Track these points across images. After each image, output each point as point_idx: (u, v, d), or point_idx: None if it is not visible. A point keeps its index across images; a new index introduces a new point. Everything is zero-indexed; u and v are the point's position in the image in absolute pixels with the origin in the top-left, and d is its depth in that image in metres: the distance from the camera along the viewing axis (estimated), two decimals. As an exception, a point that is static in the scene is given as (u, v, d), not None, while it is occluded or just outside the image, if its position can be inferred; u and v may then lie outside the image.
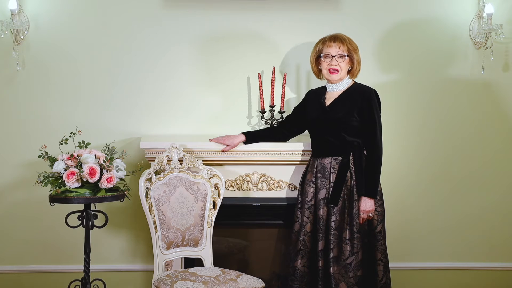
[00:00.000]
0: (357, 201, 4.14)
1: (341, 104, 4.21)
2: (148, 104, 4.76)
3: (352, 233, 4.13)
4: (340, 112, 4.18)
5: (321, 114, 4.24)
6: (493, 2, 4.72)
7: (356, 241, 4.13)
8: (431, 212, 4.89)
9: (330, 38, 4.24)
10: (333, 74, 4.22)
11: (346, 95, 4.23)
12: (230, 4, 4.74)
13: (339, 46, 4.20)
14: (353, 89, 4.25)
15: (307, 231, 4.22)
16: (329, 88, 4.29)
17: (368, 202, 4.12)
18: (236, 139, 4.41)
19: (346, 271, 4.13)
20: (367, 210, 4.12)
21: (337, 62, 4.20)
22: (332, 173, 4.18)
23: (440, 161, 4.87)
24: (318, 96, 4.32)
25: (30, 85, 4.71)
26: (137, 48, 4.74)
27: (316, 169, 4.23)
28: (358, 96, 4.20)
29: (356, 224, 4.13)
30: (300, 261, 4.21)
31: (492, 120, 4.87)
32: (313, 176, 4.24)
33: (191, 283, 3.84)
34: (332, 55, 4.20)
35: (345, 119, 4.16)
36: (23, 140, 4.70)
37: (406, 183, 4.85)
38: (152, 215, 4.12)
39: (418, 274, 4.90)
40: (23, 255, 4.77)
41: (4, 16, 4.60)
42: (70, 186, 4.02)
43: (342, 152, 4.18)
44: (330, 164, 4.19)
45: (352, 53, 4.22)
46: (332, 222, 4.14)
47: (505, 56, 4.83)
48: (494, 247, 4.91)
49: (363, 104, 4.17)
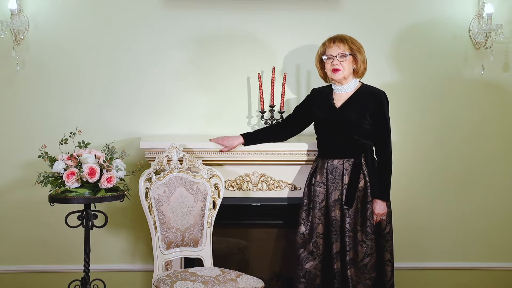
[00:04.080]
0: (371, 202, 4.14)
1: (353, 107, 4.18)
2: (148, 104, 4.76)
3: (366, 234, 4.13)
4: (353, 115, 4.15)
5: (332, 115, 4.20)
6: (493, 2, 4.72)
7: (371, 243, 4.13)
8: (430, 212, 4.88)
9: (329, 39, 4.22)
10: (336, 73, 4.18)
11: (357, 97, 4.20)
12: (230, 4, 4.74)
13: (339, 46, 4.17)
14: (363, 91, 4.23)
15: (319, 232, 4.18)
16: (337, 89, 4.25)
17: (381, 205, 4.14)
18: (235, 141, 4.40)
19: (362, 273, 4.12)
20: (381, 213, 4.14)
21: (339, 61, 4.16)
22: (345, 174, 4.16)
23: (440, 160, 4.87)
24: (325, 96, 4.28)
25: (30, 85, 4.71)
26: (137, 48, 4.74)
27: (327, 171, 4.19)
28: (370, 98, 4.19)
29: (370, 226, 4.13)
30: (312, 263, 4.17)
31: (491, 120, 4.87)
32: (323, 178, 4.20)
33: (191, 283, 3.84)
34: (333, 55, 4.17)
35: (357, 122, 4.15)
36: (23, 140, 4.70)
37: (405, 183, 4.84)
38: (152, 215, 4.13)
39: (418, 274, 4.90)
40: (23, 255, 4.77)
41: (4, 16, 4.61)
42: (70, 186, 4.02)
43: (353, 154, 4.16)
44: (343, 166, 4.16)
45: (355, 52, 4.19)
46: (347, 224, 4.12)
47: (505, 56, 4.83)
48: (494, 247, 4.91)
49: (376, 107, 4.17)
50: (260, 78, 4.62)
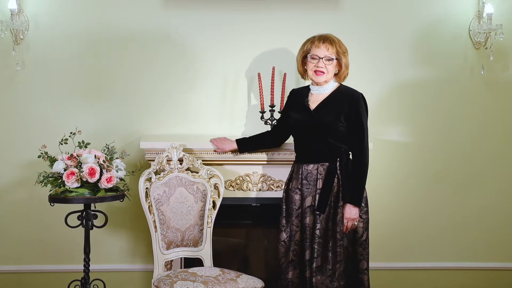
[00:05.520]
0: (342, 207, 3.98)
1: (328, 108, 4.01)
2: (148, 104, 4.76)
3: (335, 241, 3.97)
4: (327, 117, 3.98)
5: (306, 118, 4.04)
6: (493, 2, 4.72)
7: (340, 249, 3.97)
8: (431, 212, 4.88)
9: (319, 38, 4.05)
10: (319, 76, 4.02)
11: (332, 99, 4.04)
12: (231, 4, 4.74)
13: (327, 48, 4.01)
14: (339, 93, 4.06)
15: (297, 240, 4.05)
16: (314, 90, 4.10)
17: (353, 210, 3.95)
18: (228, 146, 4.37)
19: (330, 281, 3.96)
20: (352, 218, 3.96)
21: (324, 64, 4.01)
22: (318, 179, 4.00)
23: (440, 161, 4.87)
24: (301, 98, 4.12)
25: (30, 85, 4.71)
26: (137, 48, 4.74)
27: (302, 176, 4.05)
28: (345, 100, 4.00)
29: (340, 232, 3.97)
30: (292, 272, 4.06)
31: (492, 120, 4.87)
32: (298, 183, 4.06)
33: (191, 283, 3.84)
34: (320, 56, 4.01)
35: (332, 124, 3.98)
36: (23, 140, 4.70)
37: (406, 183, 4.85)
38: (152, 215, 4.13)
39: (418, 274, 4.90)
40: (23, 255, 4.77)
41: (4, 16, 4.61)
42: (70, 186, 4.02)
43: (328, 158, 4.00)
44: (317, 171, 4.00)
45: (340, 56, 4.03)
46: (317, 230, 3.97)
47: (505, 56, 4.83)
48: (494, 247, 4.91)
49: (351, 109, 3.98)
50: (260, 78, 4.62)
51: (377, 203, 4.71)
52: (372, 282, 4.70)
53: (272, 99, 4.62)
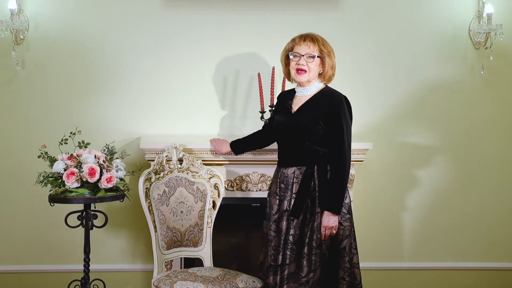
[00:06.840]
0: (319, 214, 3.82)
1: (307, 111, 3.87)
2: (148, 104, 4.76)
3: (310, 248, 3.81)
4: (306, 119, 3.84)
5: (287, 120, 3.92)
6: (493, 2, 4.72)
7: (315, 257, 3.81)
8: (431, 212, 4.88)
9: (300, 36, 3.93)
10: (300, 75, 3.88)
11: (313, 101, 3.89)
12: (230, 4, 4.74)
13: (309, 46, 3.87)
14: (321, 95, 3.90)
15: (275, 245, 3.90)
16: (298, 92, 3.96)
17: (331, 218, 3.78)
18: (225, 149, 4.36)
19: None
20: (329, 226, 3.79)
21: (306, 62, 3.86)
22: (294, 183, 3.86)
23: (440, 161, 4.87)
24: (286, 100, 4.00)
25: (30, 85, 4.71)
26: (137, 48, 4.74)
27: (279, 179, 3.93)
28: (325, 102, 3.85)
29: (316, 239, 3.81)
30: (272, 277, 3.90)
31: (491, 120, 4.87)
32: (277, 187, 3.94)
33: (191, 283, 3.85)
34: (301, 54, 3.87)
35: (309, 127, 3.83)
36: (23, 140, 4.71)
37: (406, 183, 4.85)
38: (151, 215, 4.13)
39: (418, 274, 4.90)
40: (23, 255, 4.77)
41: (4, 16, 4.61)
42: (70, 186, 4.02)
43: (306, 162, 3.84)
44: (294, 174, 3.87)
45: (324, 55, 3.88)
46: (290, 236, 3.83)
47: (505, 56, 4.83)
48: (494, 247, 4.91)
49: (330, 111, 3.82)
50: (260, 78, 4.62)
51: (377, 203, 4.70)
52: (371, 283, 4.73)
53: (272, 99, 4.62)
